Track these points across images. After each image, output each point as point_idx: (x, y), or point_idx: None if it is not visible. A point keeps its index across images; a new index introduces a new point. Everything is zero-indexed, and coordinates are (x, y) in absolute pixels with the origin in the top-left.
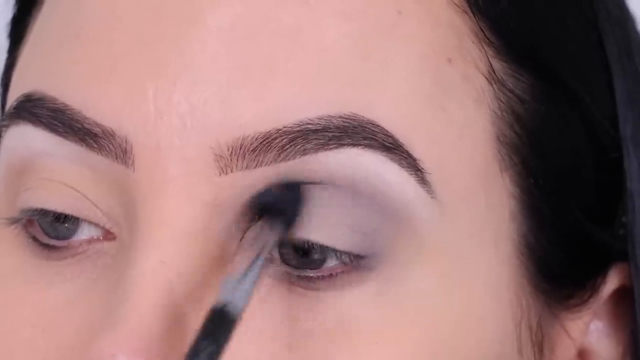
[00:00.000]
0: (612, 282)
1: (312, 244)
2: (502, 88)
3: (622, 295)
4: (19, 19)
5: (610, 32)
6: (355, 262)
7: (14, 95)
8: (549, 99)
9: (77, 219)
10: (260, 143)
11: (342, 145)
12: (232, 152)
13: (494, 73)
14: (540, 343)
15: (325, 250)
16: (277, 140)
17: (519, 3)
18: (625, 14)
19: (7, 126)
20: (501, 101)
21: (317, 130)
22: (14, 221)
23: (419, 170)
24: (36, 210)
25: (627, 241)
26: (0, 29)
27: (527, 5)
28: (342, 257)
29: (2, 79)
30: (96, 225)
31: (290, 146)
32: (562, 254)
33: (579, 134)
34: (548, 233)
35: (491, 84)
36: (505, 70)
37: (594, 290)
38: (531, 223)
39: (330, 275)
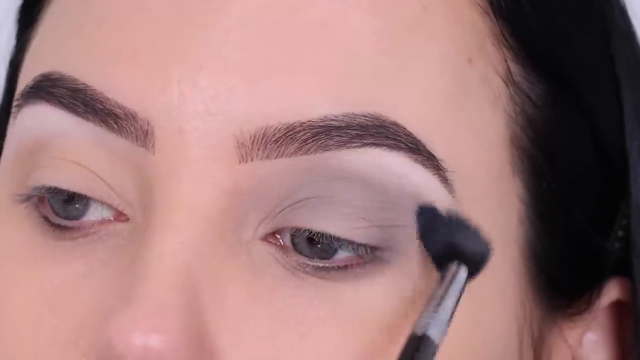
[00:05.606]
0: (608, 296)
1: (329, 235)
2: (517, 91)
3: (616, 310)
4: (30, 2)
5: (620, 46)
6: (372, 255)
7: (28, 75)
8: (561, 106)
9: (88, 199)
10: (284, 134)
11: (365, 144)
12: (254, 141)
13: (511, 76)
14: (540, 348)
15: (340, 242)
16: (300, 134)
17: (539, 9)
18: (631, 29)
19: (21, 106)
20: (516, 104)
21: (340, 127)
22: (25, 199)
23: (441, 170)
24: (49, 188)
25: (629, 254)
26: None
27: (547, 12)
28: (359, 249)
29: (11, 61)
30: (109, 206)
31: (313, 140)
32: (565, 262)
33: (587, 143)
34: (553, 239)
35: (507, 87)
36: (522, 74)
37: (591, 301)
38: (537, 228)
39: (346, 266)
